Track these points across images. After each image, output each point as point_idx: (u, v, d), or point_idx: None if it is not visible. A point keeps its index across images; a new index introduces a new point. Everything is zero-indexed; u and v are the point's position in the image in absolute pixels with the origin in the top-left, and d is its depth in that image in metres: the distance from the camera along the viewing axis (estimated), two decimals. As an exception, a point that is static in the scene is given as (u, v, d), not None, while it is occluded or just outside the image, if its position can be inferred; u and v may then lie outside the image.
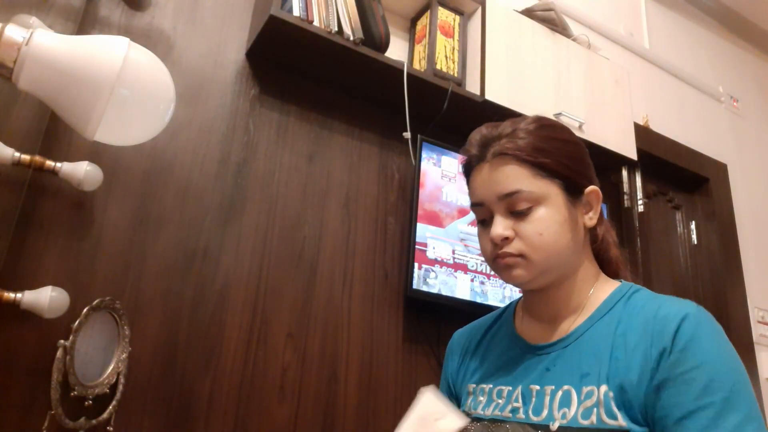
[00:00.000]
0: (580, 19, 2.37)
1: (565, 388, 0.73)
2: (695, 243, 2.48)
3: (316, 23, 1.44)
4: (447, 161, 1.70)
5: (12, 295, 1.04)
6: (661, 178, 2.47)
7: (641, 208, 2.24)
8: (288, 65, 1.58)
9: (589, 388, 0.71)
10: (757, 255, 2.62)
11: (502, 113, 1.62)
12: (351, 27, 1.49)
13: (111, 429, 1.11)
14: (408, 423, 0.74)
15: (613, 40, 2.50)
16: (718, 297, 2.36)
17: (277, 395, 1.33)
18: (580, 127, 1.79)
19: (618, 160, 1.94)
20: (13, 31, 0.85)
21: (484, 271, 1.66)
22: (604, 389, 0.69)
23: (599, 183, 0.83)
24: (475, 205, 0.82)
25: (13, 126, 1.10)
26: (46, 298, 1.04)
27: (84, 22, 1.29)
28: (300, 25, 1.40)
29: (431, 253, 1.58)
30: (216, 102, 1.46)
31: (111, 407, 1.12)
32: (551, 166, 0.77)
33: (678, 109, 2.65)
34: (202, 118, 1.43)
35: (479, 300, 1.62)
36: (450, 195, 1.68)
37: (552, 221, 0.76)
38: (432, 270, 1.57)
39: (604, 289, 0.81)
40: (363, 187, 1.63)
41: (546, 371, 0.77)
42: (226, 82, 1.49)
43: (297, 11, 1.42)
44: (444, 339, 0.99)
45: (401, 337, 1.56)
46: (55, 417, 1.04)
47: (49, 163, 1.10)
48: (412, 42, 1.84)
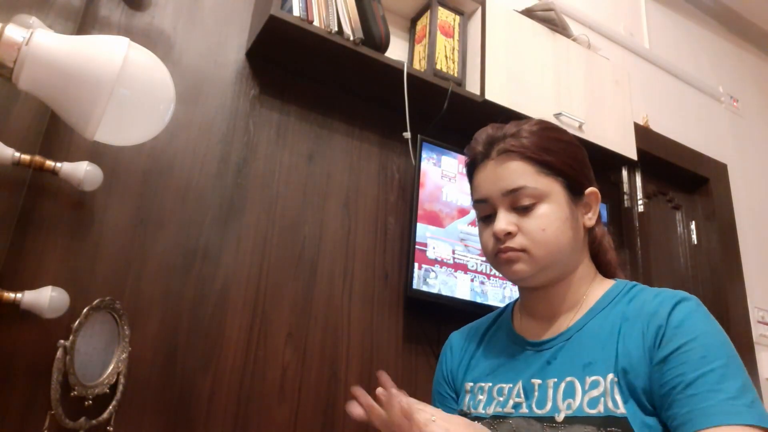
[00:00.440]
0: (580, 19, 2.37)
1: (568, 379, 0.74)
2: (695, 243, 2.48)
3: (316, 23, 1.44)
4: (447, 161, 1.70)
5: (12, 295, 1.04)
6: (661, 178, 2.46)
7: (641, 208, 2.24)
8: (288, 65, 1.58)
9: (594, 377, 0.71)
10: (757, 255, 2.62)
11: (502, 113, 1.63)
12: (351, 27, 1.49)
13: (111, 429, 1.11)
14: None
15: (613, 40, 2.50)
16: (718, 297, 2.36)
17: (277, 395, 1.33)
18: (580, 127, 1.79)
19: (618, 160, 1.94)
20: (13, 31, 0.85)
21: (484, 271, 1.66)
22: (610, 377, 0.70)
23: (598, 186, 0.85)
24: (478, 202, 0.83)
25: (13, 126, 1.10)
26: (46, 298, 1.04)
27: (84, 22, 1.29)
28: (300, 25, 1.40)
29: (431, 253, 1.58)
30: (216, 102, 1.46)
31: (111, 407, 1.12)
32: (555, 164, 0.79)
33: (678, 109, 2.65)
34: (202, 118, 1.43)
35: (479, 300, 1.62)
36: (450, 195, 1.68)
37: (555, 218, 0.77)
38: (432, 270, 1.57)
39: (600, 288, 0.82)
40: (363, 187, 1.63)
41: (547, 364, 0.78)
42: (226, 82, 1.49)
43: (297, 11, 1.42)
44: (444, 339, 0.99)
45: (401, 337, 1.56)
46: (55, 417, 1.04)
47: (49, 163, 1.10)
48: (412, 42, 1.84)
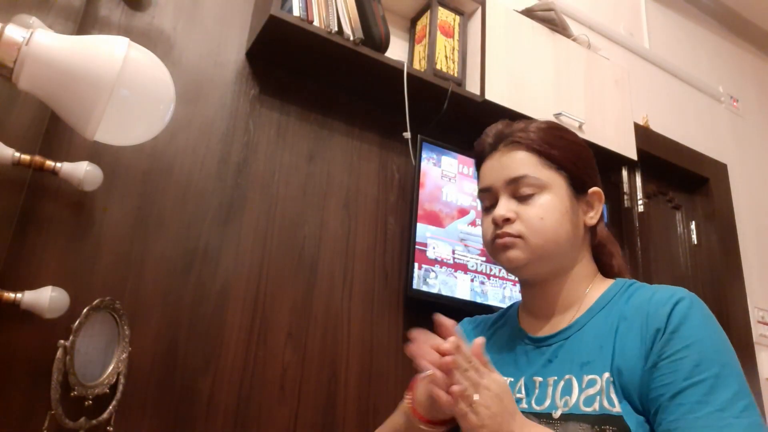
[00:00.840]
0: (580, 19, 2.36)
1: (567, 377, 0.75)
2: (695, 243, 2.47)
3: (316, 23, 1.44)
4: (447, 161, 1.70)
5: (12, 295, 1.04)
6: (661, 178, 2.46)
7: (641, 208, 2.24)
8: (288, 65, 1.58)
9: (591, 376, 0.72)
10: (757, 255, 2.61)
11: (502, 113, 1.63)
12: (351, 27, 1.49)
13: (111, 429, 1.11)
14: None
15: (613, 40, 2.50)
16: (718, 297, 2.36)
17: (277, 395, 1.33)
18: (580, 127, 1.79)
19: (618, 160, 1.94)
20: (13, 31, 0.85)
21: (484, 272, 1.66)
22: (606, 376, 0.71)
23: (603, 188, 0.86)
24: (483, 191, 0.85)
25: (13, 126, 1.10)
26: (46, 298, 1.04)
27: (84, 22, 1.29)
28: (300, 25, 1.40)
29: (431, 253, 1.58)
30: (216, 102, 1.46)
31: (111, 407, 1.12)
32: (558, 158, 0.81)
33: (678, 109, 2.65)
34: (202, 118, 1.43)
35: (479, 300, 1.61)
36: (450, 195, 1.68)
37: (554, 209, 0.79)
38: (432, 270, 1.57)
39: (600, 287, 0.83)
40: (363, 187, 1.63)
41: (548, 363, 0.79)
42: (226, 82, 1.49)
43: (297, 11, 1.42)
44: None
45: (401, 337, 1.55)
46: (55, 417, 1.04)
47: (49, 163, 1.10)
48: (412, 42, 1.84)
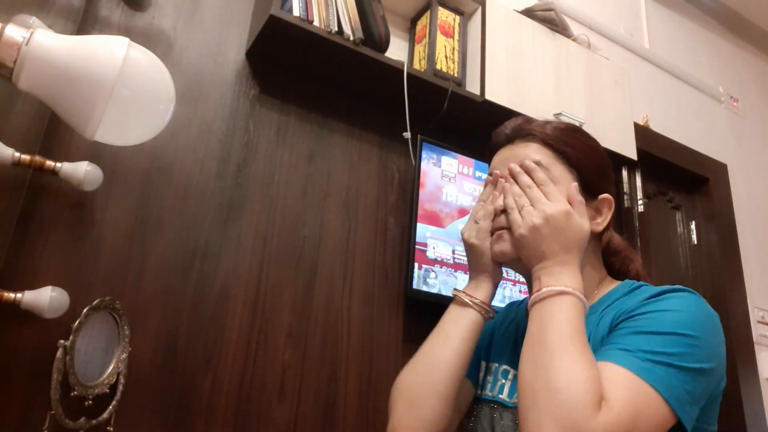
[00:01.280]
0: (580, 19, 2.36)
1: None
2: (695, 243, 2.47)
3: (316, 23, 1.44)
4: (447, 161, 1.70)
5: (12, 295, 1.03)
6: (661, 178, 2.46)
7: (641, 208, 2.24)
8: (288, 65, 1.58)
9: None
10: (757, 255, 2.61)
11: (502, 113, 1.63)
12: (351, 27, 1.49)
13: (111, 429, 1.11)
14: None
15: (613, 40, 2.50)
16: (718, 297, 2.36)
17: (277, 395, 1.33)
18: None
19: (618, 160, 1.94)
20: (13, 31, 0.84)
21: (484, 271, 1.65)
22: None
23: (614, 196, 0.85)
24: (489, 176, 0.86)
25: (13, 126, 1.10)
26: (46, 298, 1.04)
27: (84, 22, 1.29)
28: (300, 25, 1.40)
29: (431, 253, 1.58)
30: (216, 102, 1.46)
31: (111, 407, 1.12)
32: (572, 156, 0.81)
33: (678, 109, 2.65)
34: (202, 118, 1.43)
35: (479, 300, 1.61)
36: (450, 195, 1.68)
37: None
38: (432, 270, 1.57)
39: (607, 288, 0.82)
40: (363, 187, 1.63)
41: None
42: (226, 82, 1.49)
43: (297, 11, 1.41)
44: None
45: (401, 337, 1.56)
46: (55, 417, 1.04)
47: (49, 163, 1.10)
48: (412, 42, 1.84)
